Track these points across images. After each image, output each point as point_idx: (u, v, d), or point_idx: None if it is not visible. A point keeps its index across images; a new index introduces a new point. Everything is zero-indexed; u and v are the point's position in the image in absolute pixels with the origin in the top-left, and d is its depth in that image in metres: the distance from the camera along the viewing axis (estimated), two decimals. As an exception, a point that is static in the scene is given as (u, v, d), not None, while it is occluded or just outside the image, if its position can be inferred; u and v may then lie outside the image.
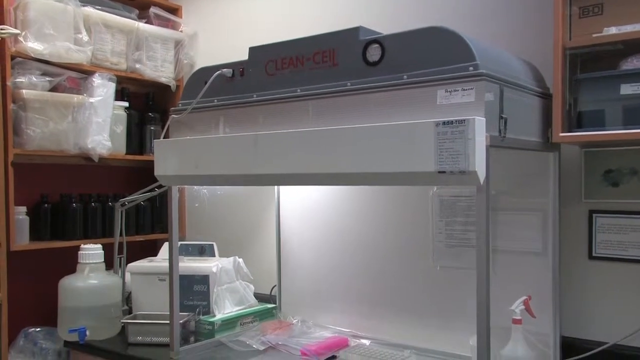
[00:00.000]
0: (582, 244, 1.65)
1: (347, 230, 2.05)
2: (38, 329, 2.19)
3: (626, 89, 1.33)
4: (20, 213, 2.11)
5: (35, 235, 2.21)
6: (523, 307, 1.52)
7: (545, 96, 1.49)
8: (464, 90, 1.21)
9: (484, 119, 1.17)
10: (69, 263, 2.10)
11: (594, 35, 1.38)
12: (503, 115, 1.26)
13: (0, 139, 1.93)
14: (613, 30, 1.36)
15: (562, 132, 1.39)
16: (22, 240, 2.11)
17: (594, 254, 1.63)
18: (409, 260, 1.89)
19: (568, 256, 1.66)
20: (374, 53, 1.36)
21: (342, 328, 2.04)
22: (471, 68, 1.21)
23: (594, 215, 1.63)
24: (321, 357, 1.76)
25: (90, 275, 2.05)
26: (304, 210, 2.17)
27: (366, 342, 1.93)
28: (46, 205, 2.26)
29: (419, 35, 1.31)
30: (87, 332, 1.98)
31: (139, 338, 1.96)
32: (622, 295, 1.59)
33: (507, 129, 1.27)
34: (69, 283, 2.05)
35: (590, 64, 1.44)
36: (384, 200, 1.95)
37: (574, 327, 1.66)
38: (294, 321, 2.11)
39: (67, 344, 2.07)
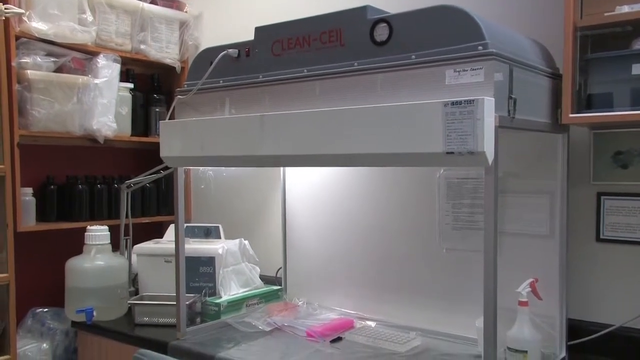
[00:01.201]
0: (589, 226, 1.64)
1: (353, 212, 2.04)
2: (46, 310, 2.20)
3: (638, 69, 1.31)
4: (27, 194, 2.12)
5: (41, 216, 2.21)
6: (530, 289, 1.51)
7: (555, 77, 1.47)
8: (473, 70, 1.19)
9: (493, 99, 1.16)
10: (76, 244, 2.11)
11: (606, 14, 1.36)
12: (512, 96, 1.24)
13: (5, 120, 1.93)
14: (625, 8, 1.34)
15: (572, 113, 1.37)
16: (29, 221, 2.12)
17: (601, 237, 1.62)
18: (415, 243, 1.89)
19: (575, 239, 1.65)
20: (381, 32, 1.34)
21: (348, 310, 2.05)
22: (480, 47, 1.19)
23: (602, 197, 1.61)
24: (327, 338, 1.77)
25: (97, 257, 2.06)
26: (309, 192, 2.16)
27: (372, 324, 1.94)
28: (52, 186, 2.27)
29: (427, 14, 1.29)
30: (94, 313, 1.99)
31: (146, 319, 1.98)
32: (629, 277, 1.59)
33: (516, 110, 1.25)
34: (75, 264, 2.06)
35: (601, 45, 1.42)
36: (391, 182, 1.94)
37: (580, 309, 1.66)
38: (300, 303, 2.12)
39: (74, 324, 2.08)
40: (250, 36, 1.60)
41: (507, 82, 1.23)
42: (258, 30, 1.59)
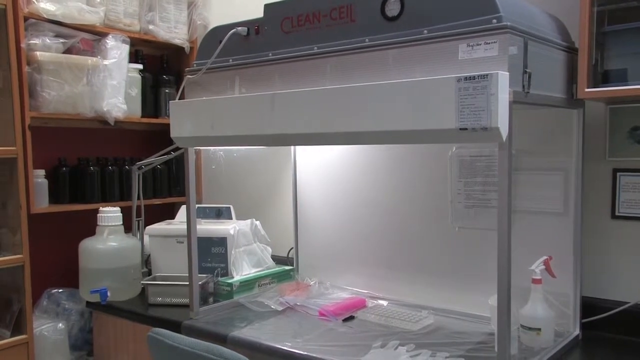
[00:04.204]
0: (605, 203, 1.62)
1: (364, 191, 2.03)
2: (61, 290, 2.23)
3: (657, 42, 1.28)
4: (39, 176, 2.12)
5: (54, 198, 2.23)
6: (543, 267, 1.50)
7: (571, 50, 1.44)
8: (486, 44, 1.17)
9: (507, 73, 1.14)
10: (89, 226, 2.12)
11: (624, -14, 1.33)
12: (527, 70, 1.22)
13: (16, 102, 1.93)
14: (644, -20, 1.30)
15: (588, 88, 1.35)
16: (42, 203, 2.13)
17: (617, 213, 1.60)
18: (427, 221, 1.88)
19: (590, 216, 1.64)
20: (393, 7, 1.32)
21: (360, 289, 2.05)
22: (494, 20, 1.17)
23: (618, 173, 1.59)
24: (339, 317, 1.77)
25: (110, 238, 2.07)
26: (320, 171, 2.15)
27: (384, 302, 1.94)
28: (64, 168, 2.27)
29: (439, -13, 1.26)
30: (109, 293, 2.01)
31: (159, 299, 1.99)
32: (645, 255, 1.57)
33: (531, 85, 1.23)
34: (89, 245, 2.07)
35: (617, 20, 1.38)
36: (402, 161, 1.93)
37: (594, 287, 1.65)
38: (312, 283, 2.12)
39: (89, 304, 2.10)
40: (259, 14, 1.58)
41: (521, 56, 1.21)
42: (267, 7, 1.57)
